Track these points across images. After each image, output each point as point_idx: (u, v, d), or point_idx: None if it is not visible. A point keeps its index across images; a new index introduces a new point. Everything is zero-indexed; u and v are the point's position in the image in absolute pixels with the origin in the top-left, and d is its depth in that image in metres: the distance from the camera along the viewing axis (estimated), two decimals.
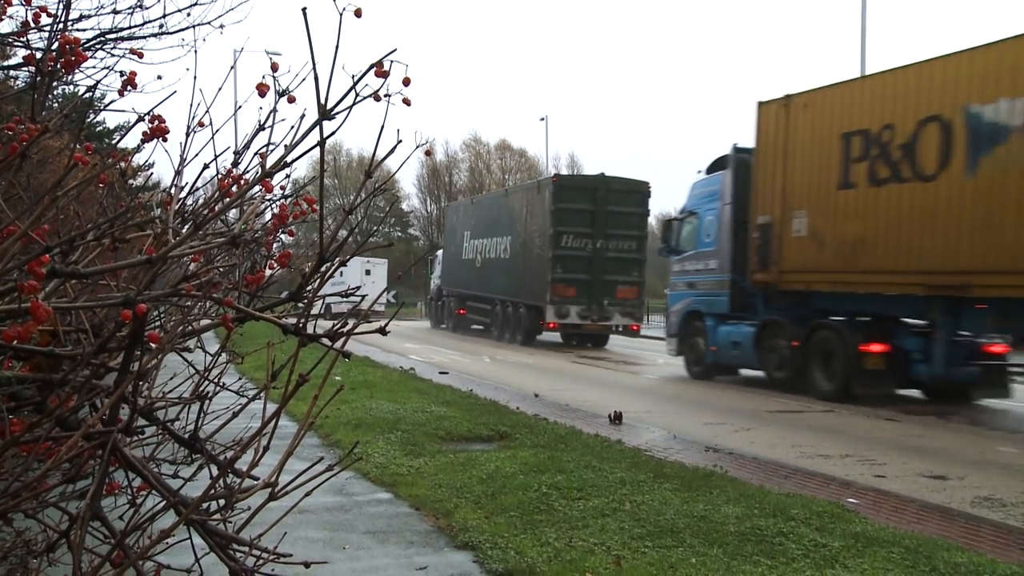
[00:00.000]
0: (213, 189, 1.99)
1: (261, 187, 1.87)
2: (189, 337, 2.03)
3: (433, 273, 37.02)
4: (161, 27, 5.17)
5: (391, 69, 1.75)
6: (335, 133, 1.78)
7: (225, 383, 2.27)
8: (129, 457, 1.70)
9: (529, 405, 12.55)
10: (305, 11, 1.74)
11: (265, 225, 2.22)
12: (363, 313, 1.81)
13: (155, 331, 1.75)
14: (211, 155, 2.11)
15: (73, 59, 1.87)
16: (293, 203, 2.11)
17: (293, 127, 1.84)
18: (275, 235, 2.17)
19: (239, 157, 2.12)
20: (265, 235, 2.18)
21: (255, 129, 2.06)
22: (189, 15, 5.20)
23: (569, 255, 24.44)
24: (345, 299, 2.10)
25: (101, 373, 1.78)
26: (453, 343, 27.04)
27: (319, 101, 1.70)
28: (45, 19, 2.13)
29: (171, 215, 1.86)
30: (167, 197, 2.05)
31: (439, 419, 10.33)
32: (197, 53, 4.27)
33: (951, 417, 13.11)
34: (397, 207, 59.33)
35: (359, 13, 1.74)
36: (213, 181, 2.09)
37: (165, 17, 5.13)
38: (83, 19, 4.79)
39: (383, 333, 1.81)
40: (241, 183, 1.96)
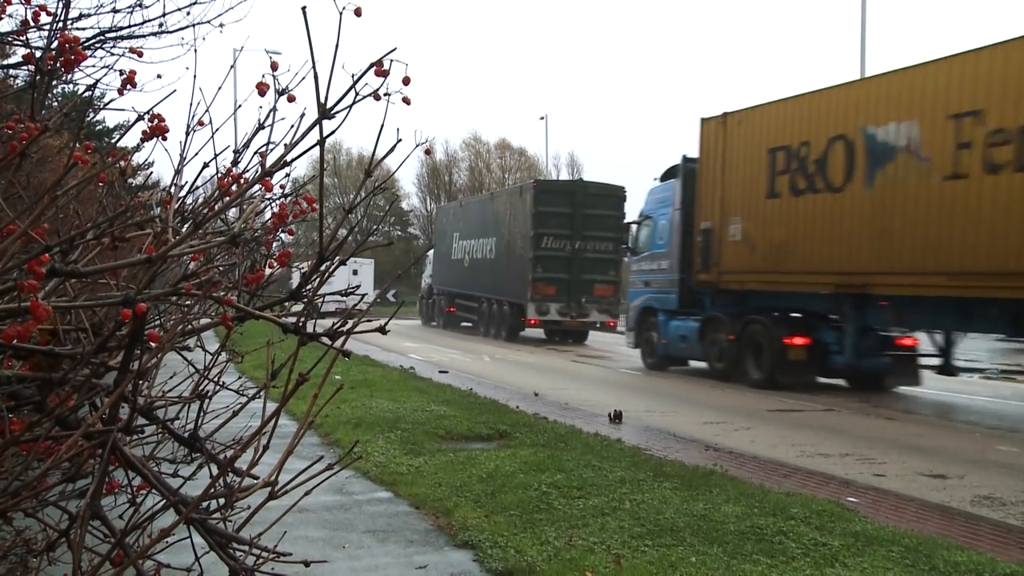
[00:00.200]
0: (213, 188, 1.99)
1: (261, 186, 1.87)
2: (189, 336, 2.03)
3: (424, 272, 38.06)
4: (161, 26, 5.17)
5: (391, 68, 1.75)
6: (335, 132, 1.79)
7: (225, 382, 2.27)
8: (129, 456, 1.70)
9: (529, 404, 12.56)
10: (305, 10, 1.74)
11: (265, 224, 2.22)
12: (348, 312, 1.81)
13: (155, 330, 1.75)
14: (211, 154, 2.11)
15: (73, 58, 1.87)
16: (293, 202, 2.11)
17: (293, 126, 1.84)
18: (275, 234, 2.17)
19: (239, 156, 2.12)
20: (265, 234, 2.18)
21: (255, 128, 2.06)
22: (189, 14, 5.19)
23: (549, 256, 25.78)
24: (344, 298, 2.10)
25: (101, 372, 1.78)
26: (451, 341, 27.07)
27: (319, 100, 1.70)
28: (45, 18, 2.13)
29: (171, 214, 1.86)
30: (167, 196, 2.05)
31: (439, 418, 10.33)
32: (197, 52, 4.28)
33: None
34: (397, 206, 59.31)
35: (359, 12, 1.74)
36: (213, 180, 2.09)
37: (165, 16, 5.12)
38: (82, 18, 4.79)
39: (383, 332, 1.81)
40: (241, 182, 1.96)
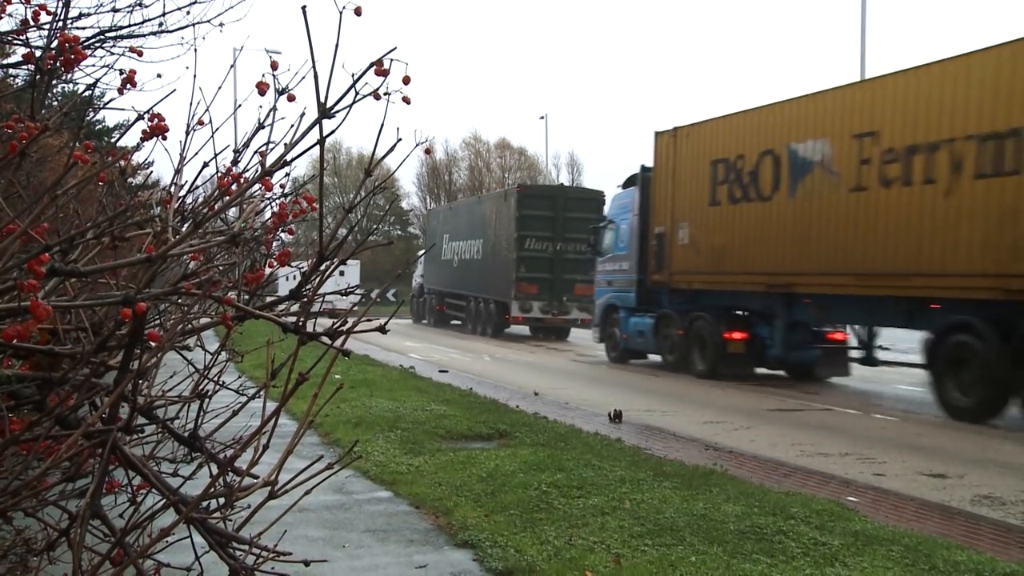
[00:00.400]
0: (213, 187, 1.99)
1: (261, 185, 1.87)
2: (189, 335, 2.03)
3: (415, 272, 39.33)
4: (161, 25, 5.17)
5: (391, 67, 1.75)
6: (335, 131, 1.79)
7: (225, 381, 2.28)
8: (129, 455, 1.70)
9: (529, 403, 12.56)
10: (305, 9, 1.74)
11: (265, 223, 2.22)
12: (346, 312, 1.81)
13: (155, 329, 1.75)
14: (211, 153, 2.11)
15: (72, 57, 1.86)
16: (293, 201, 2.11)
17: (293, 125, 1.84)
18: (275, 233, 2.17)
19: (239, 155, 2.12)
20: (265, 233, 2.18)
21: (255, 127, 2.06)
22: (188, 13, 5.19)
23: (532, 256, 27.06)
24: (343, 298, 2.10)
25: (101, 371, 1.78)
26: (450, 340, 27.10)
27: (319, 99, 1.70)
28: (44, 17, 2.13)
29: (171, 213, 1.86)
30: (167, 195, 2.05)
31: (439, 417, 10.34)
32: (197, 51, 4.28)
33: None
34: (397, 205, 59.26)
35: (359, 12, 1.74)
36: (213, 179, 2.09)
37: (165, 15, 5.12)
38: (82, 17, 4.79)
39: (383, 331, 1.81)
40: (241, 181, 1.96)
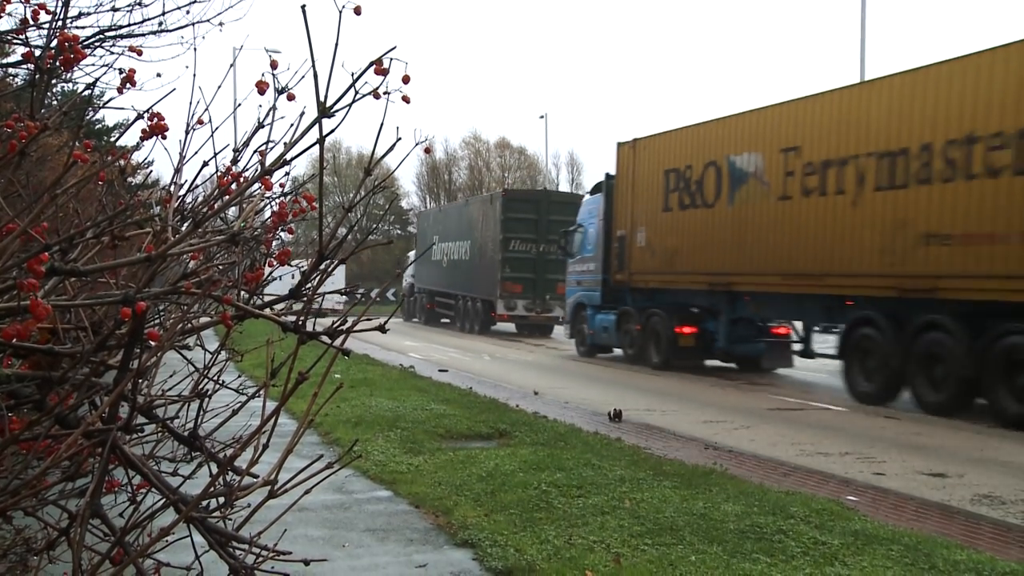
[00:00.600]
0: (212, 187, 1.99)
1: (260, 185, 1.87)
2: (188, 335, 2.03)
3: (406, 272, 41.08)
4: (160, 25, 5.17)
5: (390, 67, 1.75)
6: (335, 131, 1.78)
7: (224, 381, 2.27)
8: (129, 455, 1.70)
9: (529, 403, 12.56)
10: (304, 9, 1.73)
11: (264, 223, 2.22)
12: (316, 311, 1.81)
13: (154, 329, 1.75)
14: (210, 153, 2.11)
15: (72, 57, 1.86)
16: (292, 201, 2.11)
17: (292, 125, 1.84)
18: (274, 233, 2.17)
19: (238, 155, 2.12)
20: (264, 233, 2.17)
21: (254, 127, 2.06)
22: (188, 13, 5.20)
23: (516, 257, 28.54)
24: (345, 297, 2.10)
25: (100, 371, 1.78)
26: (450, 340, 27.14)
27: (318, 99, 1.70)
28: (44, 16, 2.13)
29: (170, 213, 1.86)
30: (166, 195, 2.05)
31: (439, 417, 10.34)
32: (196, 51, 4.26)
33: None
34: (396, 205, 59.27)
35: (358, 11, 1.74)
36: (212, 179, 2.09)
37: (164, 15, 5.12)
38: (82, 16, 4.79)
39: (383, 331, 1.81)
40: (240, 181, 1.96)
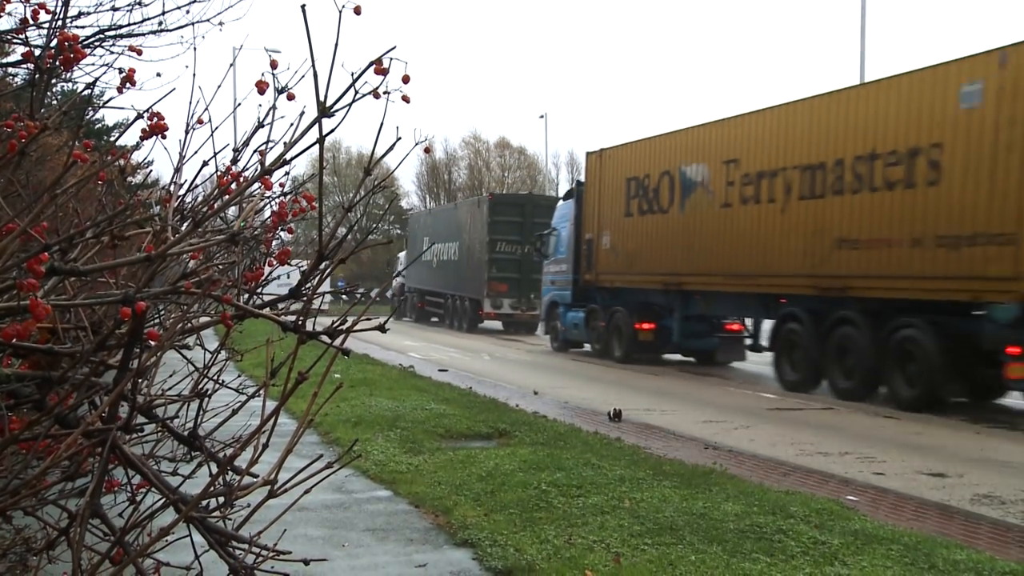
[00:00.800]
0: (212, 186, 1.98)
1: (260, 184, 1.87)
2: (188, 334, 2.03)
3: (395, 271, 42.44)
4: (160, 24, 5.17)
5: (390, 66, 1.75)
6: (334, 130, 1.78)
7: (224, 380, 2.27)
8: (128, 455, 1.70)
9: (529, 403, 12.56)
10: (304, 8, 1.73)
11: (264, 222, 2.22)
12: (305, 311, 1.81)
13: (154, 328, 1.75)
14: (210, 152, 2.11)
15: (72, 56, 1.86)
16: (292, 200, 2.11)
17: (292, 124, 1.84)
18: (274, 232, 2.17)
19: (238, 154, 2.12)
20: (264, 232, 2.17)
21: (254, 126, 2.06)
22: (188, 12, 5.20)
23: (502, 258, 29.96)
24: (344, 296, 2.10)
25: (100, 371, 1.78)
26: (450, 339, 27.15)
27: (318, 98, 1.70)
28: (44, 16, 2.13)
29: (170, 212, 1.86)
30: (166, 194, 2.04)
31: (438, 417, 10.34)
32: (196, 50, 4.26)
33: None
34: (396, 204, 59.22)
35: (358, 11, 1.74)
36: (212, 178, 2.09)
37: (164, 14, 5.12)
38: (82, 16, 4.79)
39: (383, 330, 1.81)
40: (240, 180, 1.96)
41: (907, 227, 13.20)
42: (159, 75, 3.38)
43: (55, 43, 1.87)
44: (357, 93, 1.73)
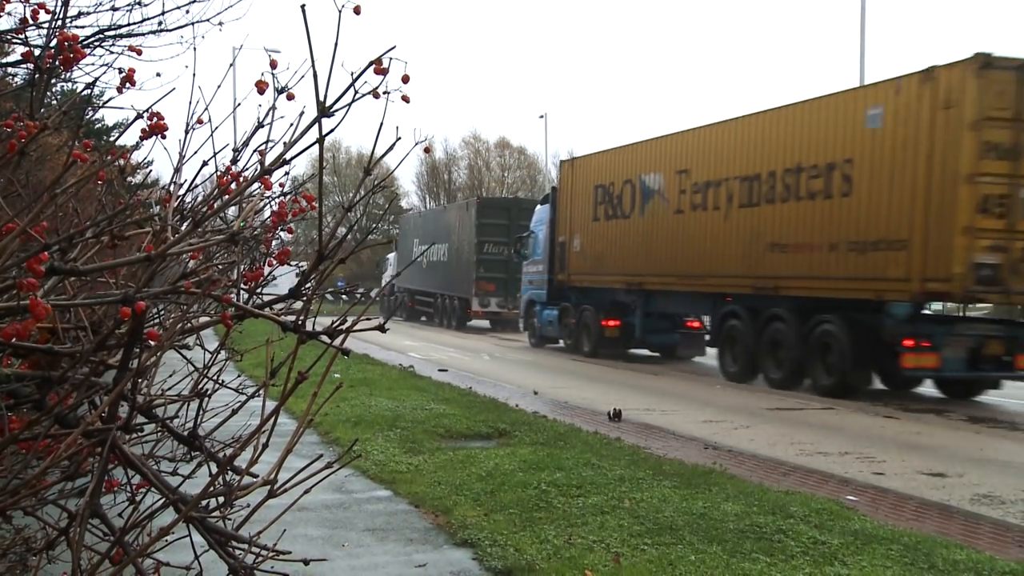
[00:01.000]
0: (212, 186, 1.98)
1: (260, 184, 1.87)
2: (188, 334, 2.03)
3: (385, 272, 43.15)
4: (160, 24, 5.17)
5: (390, 66, 1.75)
6: (334, 130, 1.78)
7: (224, 380, 2.27)
8: (128, 454, 1.70)
9: (528, 402, 12.56)
10: (304, 8, 1.73)
11: (264, 222, 2.22)
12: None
13: (154, 328, 1.75)
14: (210, 152, 2.11)
15: (72, 56, 1.86)
16: (292, 200, 2.11)
17: (292, 124, 1.84)
18: (274, 232, 2.17)
19: (238, 154, 2.12)
20: (264, 232, 2.17)
21: (254, 126, 2.06)
22: (188, 12, 5.20)
23: (489, 259, 31.16)
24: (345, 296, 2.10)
25: (100, 370, 1.78)
26: (450, 339, 27.16)
27: (318, 98, 1.70)
28: (44, 16, 2.13)
29: (170, 212, 1.86)
30: (166, 194, 2.04)
31: (438, 416, 10.33)
32: (196, 50, 4.26)
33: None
34: (396, 204, 59.20)
35: (358, 10, 1.74)
36: (212, 178, 2.09)
37: (164, 14, 5.12)
38: (82, 16, 4.79)
39: (382, 330, 1.81)
40: (240, 180, 1.96)
41: (826, 233, 14.90)
42: (159, 75, 3.38)
43: (55, 43, 1.87)
44: (357, 93, 1.73)
